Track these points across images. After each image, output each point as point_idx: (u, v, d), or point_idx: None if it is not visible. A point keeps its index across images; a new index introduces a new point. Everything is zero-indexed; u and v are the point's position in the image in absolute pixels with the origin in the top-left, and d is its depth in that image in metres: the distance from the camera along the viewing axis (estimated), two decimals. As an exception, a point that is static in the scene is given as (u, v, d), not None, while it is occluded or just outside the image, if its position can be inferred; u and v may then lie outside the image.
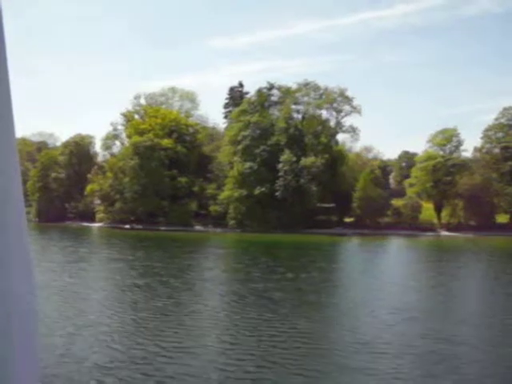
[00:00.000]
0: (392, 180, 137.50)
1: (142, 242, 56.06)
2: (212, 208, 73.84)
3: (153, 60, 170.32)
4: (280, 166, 69.90)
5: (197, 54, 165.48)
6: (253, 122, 73.86)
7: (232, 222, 71.34)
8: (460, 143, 79.04)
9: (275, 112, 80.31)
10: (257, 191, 70.17)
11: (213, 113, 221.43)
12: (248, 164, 72.19)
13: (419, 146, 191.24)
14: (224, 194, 73.10)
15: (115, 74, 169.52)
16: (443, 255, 50.86)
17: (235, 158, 74.99)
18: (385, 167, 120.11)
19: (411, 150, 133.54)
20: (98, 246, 57.66)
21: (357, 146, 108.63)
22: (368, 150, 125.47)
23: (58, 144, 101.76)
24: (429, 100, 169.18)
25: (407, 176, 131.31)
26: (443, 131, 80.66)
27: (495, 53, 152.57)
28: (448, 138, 79.68)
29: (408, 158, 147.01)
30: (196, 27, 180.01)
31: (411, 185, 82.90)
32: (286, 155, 69.52)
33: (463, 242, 63.68)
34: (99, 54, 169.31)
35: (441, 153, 79.54)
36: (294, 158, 68.99)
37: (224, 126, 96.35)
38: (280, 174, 69.97)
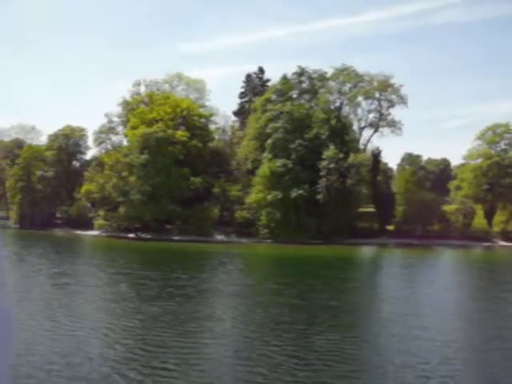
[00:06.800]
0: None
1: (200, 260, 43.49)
2: (238, 214, 61.56)
3: (122, 62, 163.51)
4: (323, 163, 58.41)
5: (167, 59, 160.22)
6: (286, 111, 62.16)
7: (265, 231, 59.36)
8: (515, 140, 69.37)
9: (302, 101, 68.88)
10: (293, 194, 58.54)
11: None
12: (281, 161, 60.45)
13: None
14: (252, 198, 61.09)
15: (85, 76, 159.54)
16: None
17: (264, 155, 63.19)
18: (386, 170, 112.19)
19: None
20: (126, 262, 42.86)
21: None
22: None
23: (43, 139, 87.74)
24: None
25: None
26: (493, 127, 70.96)
27: (466, 60, 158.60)
28: (500, 135, 70.07)
29: (411, 161, 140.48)
30: (167, 31, 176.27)
31: (458, 187, 72.63)
32: (331, 151, 57.99)
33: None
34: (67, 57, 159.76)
35: (492, 152, 69.88)
36: (341, 155, 57.60)
37: (235, 119, 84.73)
38: (322, 173, 58.56)
